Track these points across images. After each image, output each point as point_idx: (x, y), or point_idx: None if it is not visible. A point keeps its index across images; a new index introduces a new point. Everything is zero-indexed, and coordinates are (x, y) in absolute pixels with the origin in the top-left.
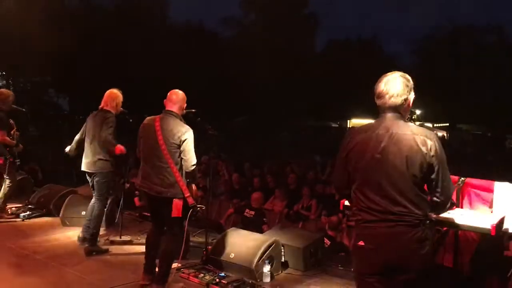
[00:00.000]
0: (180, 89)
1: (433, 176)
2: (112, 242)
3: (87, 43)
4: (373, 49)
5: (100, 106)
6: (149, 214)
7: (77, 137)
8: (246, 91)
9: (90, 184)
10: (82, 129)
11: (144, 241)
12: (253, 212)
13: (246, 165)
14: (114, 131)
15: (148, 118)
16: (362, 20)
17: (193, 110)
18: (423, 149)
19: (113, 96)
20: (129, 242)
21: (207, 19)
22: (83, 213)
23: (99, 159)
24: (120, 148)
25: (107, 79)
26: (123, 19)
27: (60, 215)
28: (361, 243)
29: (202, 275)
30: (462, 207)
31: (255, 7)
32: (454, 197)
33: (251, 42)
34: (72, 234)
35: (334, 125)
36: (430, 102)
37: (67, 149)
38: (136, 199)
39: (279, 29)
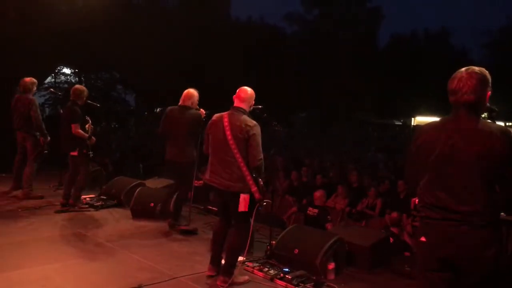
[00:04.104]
0: (247, 85)
1: (506, 174)
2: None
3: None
4: (441, 43)
5: (181, 104)
6: (215, 208)
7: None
8: (309, 87)
9: (173, 172)
10: (162, 123)
11: (209, 233)
12: (316, 210)
13: (313, 161)
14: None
15: (216, 114)
16: (429, 12)
17: (260, 106)
18: (496, 146)
19: (189, 95)
20: (196, 234)
21: (269, 15)
22: (152, 204)
23: (186, 150)
24: None
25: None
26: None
27: (130, 206)
28: (423, 238)
29: (266, 269)
30: None
31: (318, 2)
32: None
33: (315, 38)
34: (142, 224)
35: (397, 122)
36: (501, 99)
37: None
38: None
39: (342, 25)
